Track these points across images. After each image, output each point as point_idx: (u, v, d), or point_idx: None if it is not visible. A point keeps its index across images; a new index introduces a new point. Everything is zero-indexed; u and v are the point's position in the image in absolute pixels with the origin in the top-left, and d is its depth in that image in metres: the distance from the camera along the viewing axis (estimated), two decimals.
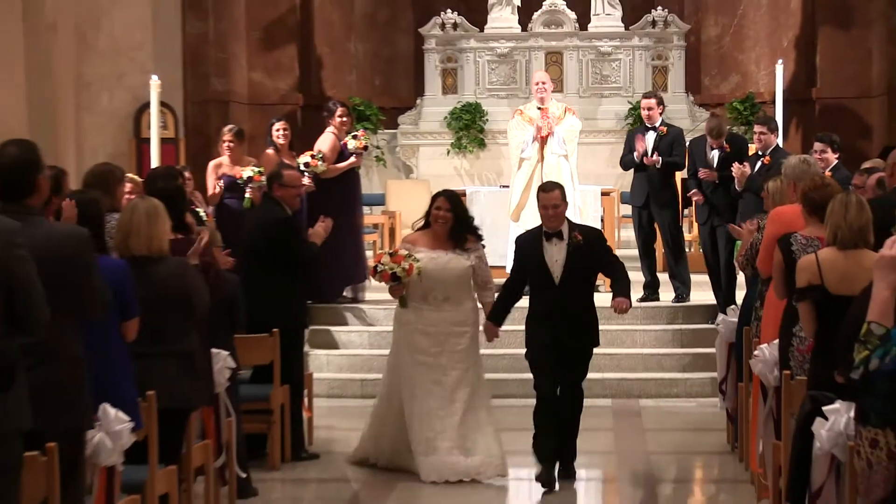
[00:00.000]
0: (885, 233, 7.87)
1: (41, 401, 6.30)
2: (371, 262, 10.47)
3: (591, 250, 9.96)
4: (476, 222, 15.58)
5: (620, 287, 10.14)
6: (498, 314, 10.45)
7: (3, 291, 5.88)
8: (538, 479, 10.10)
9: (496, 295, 10.70)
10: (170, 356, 8.36)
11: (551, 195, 9.91)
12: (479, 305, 10.74)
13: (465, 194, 16.67)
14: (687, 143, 15.52)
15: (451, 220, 10.29)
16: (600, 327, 10.60)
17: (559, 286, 9.91)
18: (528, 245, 10.16)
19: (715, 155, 14.45)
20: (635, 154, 15.16)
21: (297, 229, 11.50)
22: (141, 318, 7.92)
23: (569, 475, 10.33)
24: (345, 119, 15.13)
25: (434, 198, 10.47)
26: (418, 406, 10.23)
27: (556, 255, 9.87)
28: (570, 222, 10.14)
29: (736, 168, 13.83)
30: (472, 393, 10.32)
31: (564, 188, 10.32)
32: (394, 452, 10.57)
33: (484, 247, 10.73)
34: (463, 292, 10.44)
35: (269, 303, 10.75)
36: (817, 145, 13.36)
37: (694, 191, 14.57)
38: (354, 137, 15.12)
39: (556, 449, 10.12)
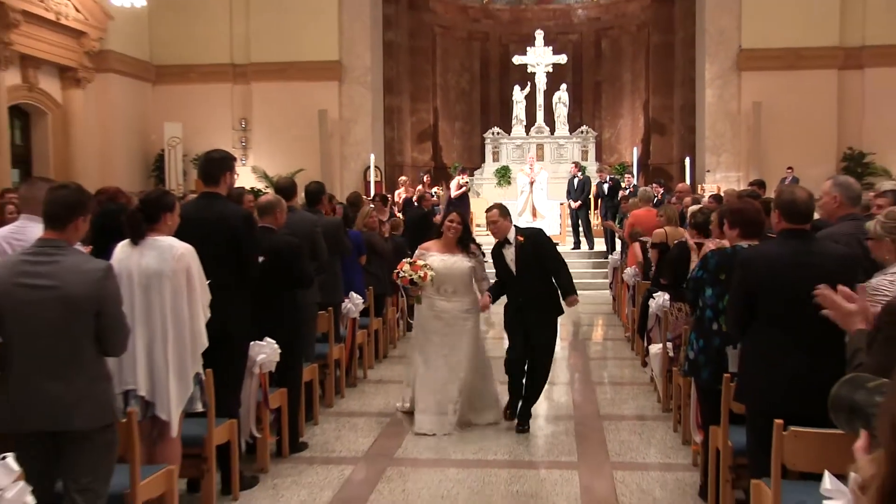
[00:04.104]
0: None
1: (322, 291, 6.33)
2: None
3: (534, 247, 6.08)
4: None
5: (567, 289, 6.23)
6: (494, 294, 6.14)
7: (310, 247, 5.93)
8: (505, 410, 6.33)
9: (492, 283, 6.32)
10: (375, 272, 8.33)
11: (490, 214, 6.16)
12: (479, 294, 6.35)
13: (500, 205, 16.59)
14: (594, 185, 15.46)
15: (460, 231, 6.22)
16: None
17: (517, 276, 6.04)
18: (496, 251, 6.17)
19: (605, 187, 14.58)
20: (571, 202, 15.17)
21: (429, 217, 11.26)
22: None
23: (523, 430, 6.06)
24: (460, 174, 15.25)
25: (446, 213, 6.71)
26: (430, 374, 6.13)
27: (510, 255, 6.05)
28: (516, 229, 6.19)
29: (621, 194, 13.83)
30: (473, 366, 6.22)
31: (503, 207, 6.29)
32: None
33: (484, 254, 6.42)
34: (467, 286, 6.20)
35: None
36: (655, 184, 13.11)
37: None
38: (463, 179, 15.24)
39: (521, 393, 6.22)
